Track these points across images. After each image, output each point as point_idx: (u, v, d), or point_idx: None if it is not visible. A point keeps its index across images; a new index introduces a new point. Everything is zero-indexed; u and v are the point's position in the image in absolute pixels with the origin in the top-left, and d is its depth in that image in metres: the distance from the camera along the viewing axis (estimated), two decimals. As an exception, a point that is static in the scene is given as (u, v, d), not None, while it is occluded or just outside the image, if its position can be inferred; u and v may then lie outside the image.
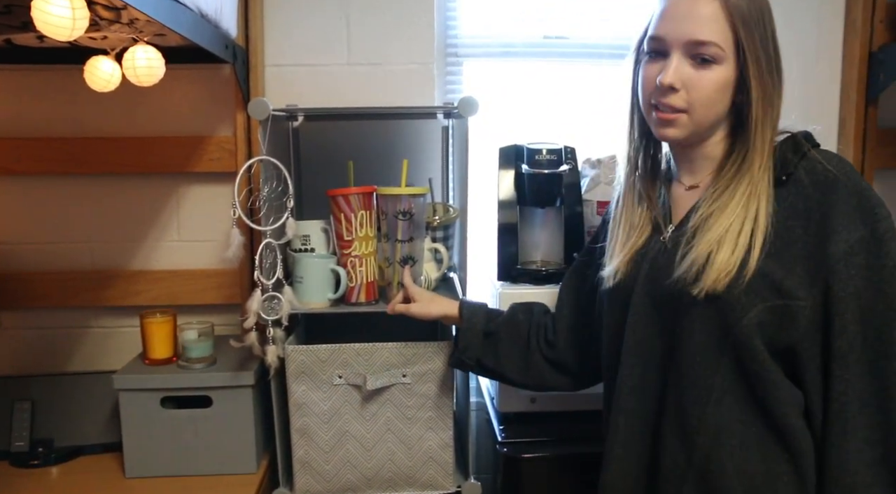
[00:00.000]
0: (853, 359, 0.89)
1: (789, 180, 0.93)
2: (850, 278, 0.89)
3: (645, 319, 1.02)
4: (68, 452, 1.53)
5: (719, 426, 0.94)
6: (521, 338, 1.25)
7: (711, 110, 0.96)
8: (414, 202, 1.33)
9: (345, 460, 1.38)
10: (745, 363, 0.93)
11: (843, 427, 0.90)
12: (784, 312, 0.91)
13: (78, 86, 1.61)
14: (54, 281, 1.73)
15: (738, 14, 0.92)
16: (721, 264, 0.91)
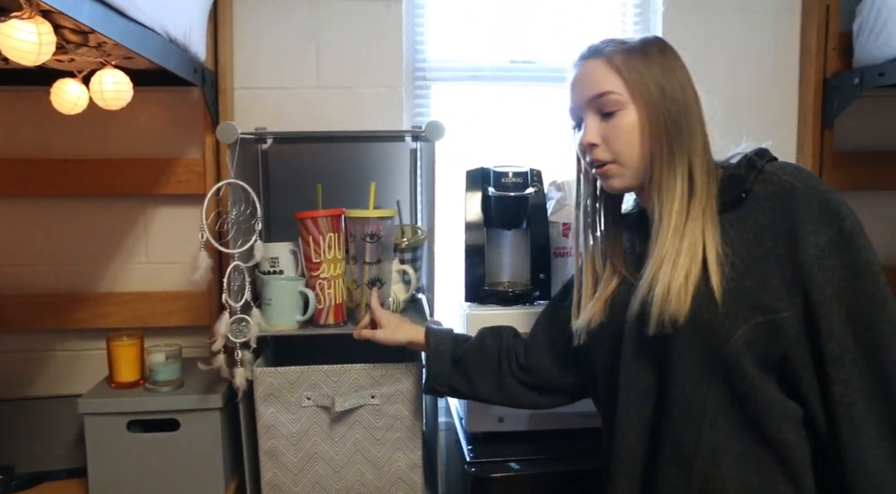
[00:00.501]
0: (848, 359, 0.90)
1: (748, 197, 0.95)
2: (828, 281, 0.90)
3: (635, 358, 1.03)
4: (31, 479, 1.51)
5: (715, 447, 0.96)
6: (490, 363, 1.26)
7: (634, 152, 1.01)
8: (382, 224, 1.34)
9: (314, 482, 1.38)
10: (734, 384, 0.94)
11: (852, 427, 0.90)
12: (769, 327, 0.92)
13: (44, 108, 1.60)
14: (19, 304, 1.71)
15: (621, 62, 1.00)
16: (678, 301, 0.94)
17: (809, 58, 1.83)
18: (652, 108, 0.99)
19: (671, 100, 0.99)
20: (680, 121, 0.99)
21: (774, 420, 0.94)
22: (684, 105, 0.99)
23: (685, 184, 0.98)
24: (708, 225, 0.96)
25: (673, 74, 1.00)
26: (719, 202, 0.97)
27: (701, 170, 0.98)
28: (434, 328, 1.29)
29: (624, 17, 1.93)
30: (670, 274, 0.95)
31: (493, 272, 1.55)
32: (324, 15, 1.75)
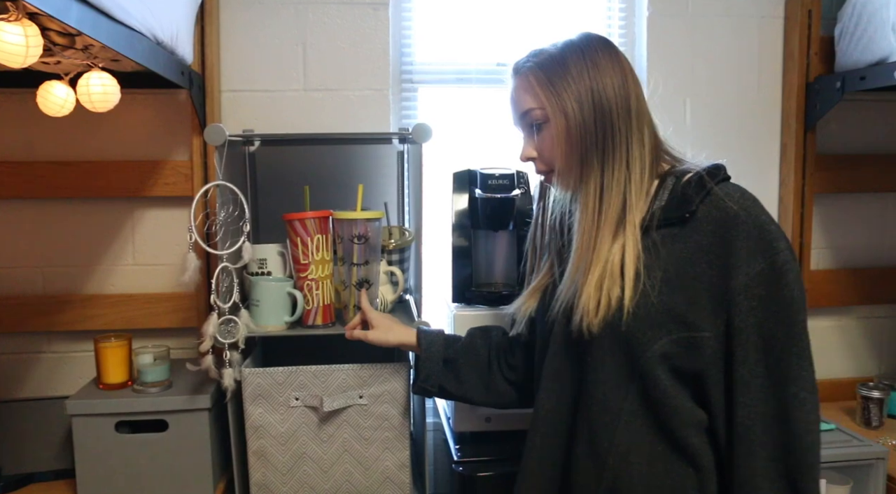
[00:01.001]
0: (756, 386, 0.94)
1: (692, 218, 0.97)
2: (751, 309, 0.93)
3: (559, 352, 1.09)
4: (18, 480, 1.51)
5: (629, 446, 1.00)
6: (480, 363, 1.28)
7: (565, 161, 1.04)
8: (369, 226, 1.35)
9: (302, 482, 1.38)
10: (648, 390, 0.99)
11: (748, 447, 0.95)
12: (689, 343, 0.96)
13: (30, 110, 1.61)
14: (6, 306, 1.71)
15: (537, 78, 1.04)
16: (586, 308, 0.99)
17: (792, 62, 1.86)
18: (568, 121, 1.01)
19: (587, 111, 1.00)
20: (596, 133, 1.01)
21: (683, 427, 0.99)
22: (605, 113, 1.00)
23: (597, 196, 1.01)
24: (627, 239, 0.99)
25: (595, 81, 1.01)
26: (661, 217, 0.99)
27: (619, 182, 1.00)
28: (425, 329, 1.31)
29: (609, 20, 1.95)
30: (583, 284, 1.00)
31: (481, 273, 1.56)
32: (311, 18, 1.76)
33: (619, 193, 1.00)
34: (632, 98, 1.01)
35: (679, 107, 1.88)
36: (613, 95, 1.00)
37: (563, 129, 1.02)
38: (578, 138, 1.01)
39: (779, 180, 1.92)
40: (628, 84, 1.02)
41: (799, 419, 0.93)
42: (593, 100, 1.00)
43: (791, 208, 1.88)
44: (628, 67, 1.04)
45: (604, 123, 1.00)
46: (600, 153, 1.00)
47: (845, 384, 1.96)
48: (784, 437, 0.94)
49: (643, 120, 1.03)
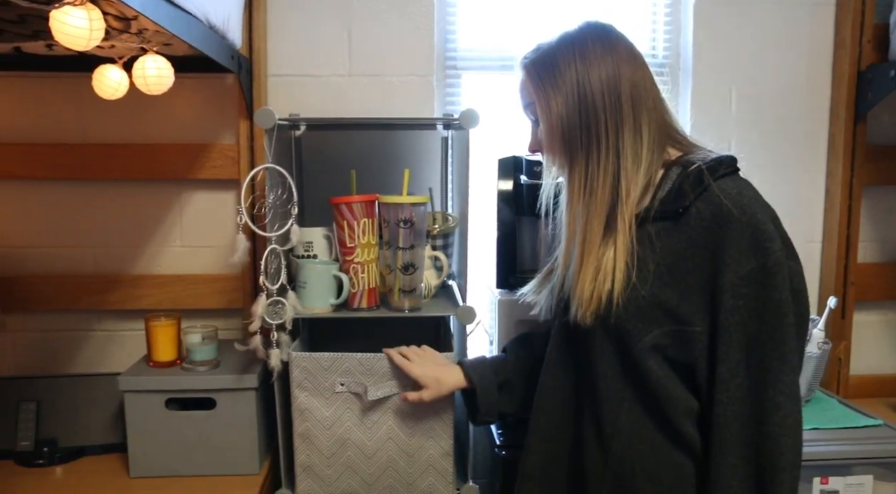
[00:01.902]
0: (734, 385, 0.95)
1: (687, 213, 0.97)
2: (737, 309, 0.93)
3: (563, 337, 1.12)
4: (72, 452, 1.56)
5: (631, 432, 1.03)
6: (532, 374, 1.27)
7: (553, 154, 1.07)
8: (415, 210, 1.36)
9: (346, 466, 1.40)
10: (644, 381, 1.01)
11: (721, 445, 0.96)
12: (681, 337, 0.98)
13: (83, 94, 1.66)
14: (58, 284, 1.76)
15: (533, 73, 1.06)
16: (579, 300, 1.01)
17: (844, 50, 1.82)
18: (552, 117, 1.03)
19: (571, 106, 1.01)
20: (580, 126, 1.01)
21: (677, 416, 1.01)
22: (589, 106, 1.01)
23: (582, 187, 1.02)
24: (619, 232, 0.99)
25: (581, 74, 1.01)
26: (658, 209, 0.99)
27: (606, 173, 1.01)
28: (469, 364, 1.30)
29: (655, 7, 1.93)
30: (577, 276, 1.02)
31: (525, 259, 1.56)
32: (356, 4, 1.77)
33: (607, 184, 1.00)
34: (623, 85, 1.01)
35: (724, 96, 1.86)
36: (600, 86, 1.00)
37: (550, 125, 1.04)
38: (563, 132, 1.03)
39: (826, 171, 1.89)
40: (620, 72, 1.01)
41: (774, 422, 0.93)
42: (578, 93, 1.01)
43: (838, 200, 1.85)
44: (624, 54, 1.03)
45: (587, 115, 1.01)
46: (585, 145, 1.01)
47: (892, 380, 1.94)
48: (757, 438, 0.94)
49: (640, 107, 1.01)
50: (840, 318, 1.87)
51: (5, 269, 1.76)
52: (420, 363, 1.32)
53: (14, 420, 1.56)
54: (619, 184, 1.00)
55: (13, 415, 1.56)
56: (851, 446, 1.50)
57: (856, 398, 1.85)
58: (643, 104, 1.02)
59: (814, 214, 1.90)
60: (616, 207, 1.00)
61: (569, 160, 1.04)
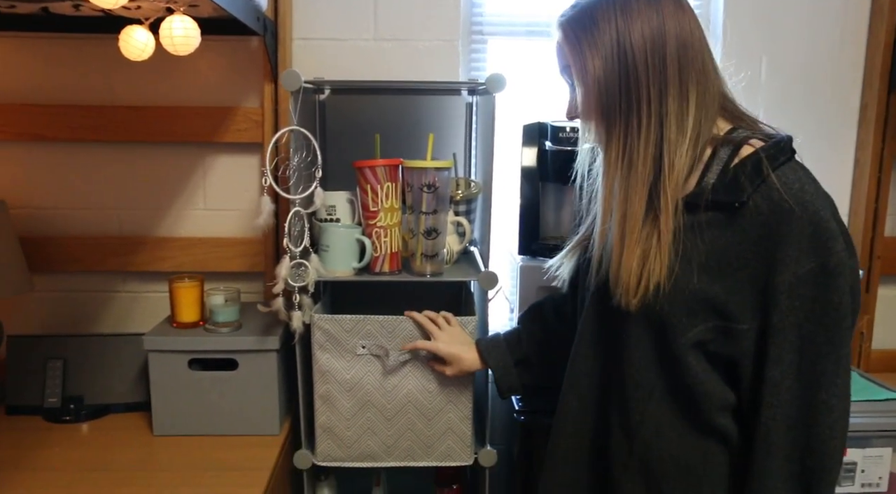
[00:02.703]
0: (785, 387, 0.90)
1: (743, 206, 0.89)
2: (792, 309, 0.88)
3: (596, 317, 1.06)
4: (98, 409, 1.59)
5: (660, 421, 0.99)
6: (546, 344, 1.29)
7: (591, 120, 0.98)
8: (438, 175, 1.36)
9: (366, 428, 1.42)
10: (681, 374, 0.97)
11: (768, 446, 0.92)
12: (725, 332, 0.93)
13: (109, 55, 1.66)
14: (84, 245, 1.78)
15: (571, 33, 0.96)
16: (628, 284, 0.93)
17: (880, 17, 1.77)
18: (589, 80, 0.94)
19: (610, 66, 0.92)
20: (619, 89, 0.92)
21: (712, 409, 0.97)
22: (629, 65, 0.91)
23: (620, 158, 0.94)
24: (663, 211, 0.92)
25: (621, 31, 0.91)
26: (710, 198, 0.91)
27: (647, 143, 0.92)
28: (484, 345, 1.32)
29: (686, -27, 1.88)
30: (620, 257, 0.94)
31: (548, 226, 1.56)
32: (382, -33, 1.75)
33: (648, 157, 0.92)
34: (669, 44, 0.91)
35: (755, 65, 1.82)
36: (642, 44, 0.91)
37: (586, 89, 0.95)
38: (600, 97, 0.94)
39: (856, 143, 1.85)
40: (666, 29, 0.91)
41: (824, 424, 0.90)
42: (617, 53, 0.91)
43: (868, 172, 1.81)
44: (671, 7, 0.92)
45: (628, 78, 0.91)
46: (624, 111, 0.92)
47: (916, 354, 1.92)
48: (806, 441, 0.91)
49: (687, 69, 0.91)
50: (864, 292, 1.85)
51: (33, 230, 1.78)
52: (446, 339, 1.34)
53: (42, 377, 1.59)
54: (661, 156, 0.91)
55: (41, 373, 1.59)
56: (871, 418, 1.49)
57: (877, 372, 1.84)
58: (691, 66, 0.92)
59: (842, 186, 1.86)
60: (658, 182, 0.92)
61: (606, 128, 0.95)
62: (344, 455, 1.44)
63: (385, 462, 1.45)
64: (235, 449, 1.45)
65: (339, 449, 1.43)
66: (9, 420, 1.57)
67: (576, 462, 1.11)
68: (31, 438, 1.48)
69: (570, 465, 1.12)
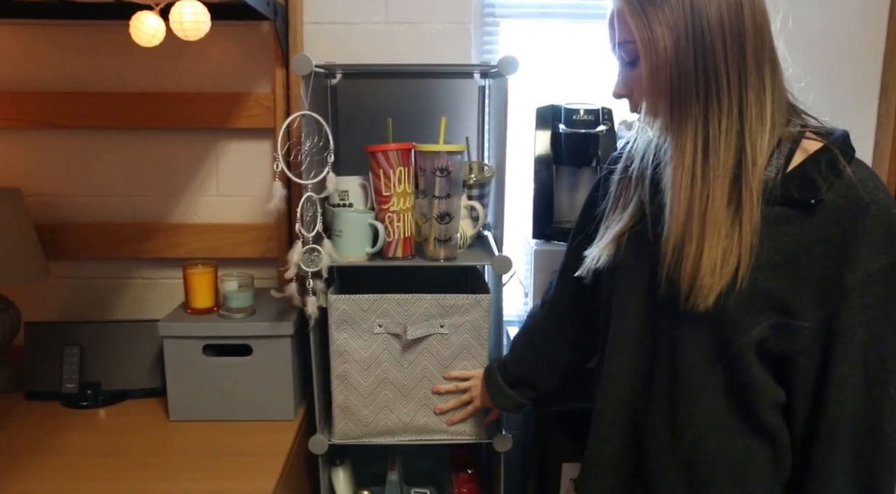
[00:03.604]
0: (852, 383, 0.89)
1: (820, 203, 0.86)
2: (863, 307, 0.87)
3: (645, 313, 1.02)
4: (115, 395, 1.60)
5: (708, 422, 0.97)
6: (536, 365, 1.33)
7: (657, 104, 0.92)
8: (451, 159, 1.35)
9: (383, 405, 1.43)
10: (737, 373, 0.94)
11: (832, 443, 0.90)
12: (786, 329, 0.90)
13: (120, 42, 1.66)
14: (98, 232, 1.78)
15: (633, 5, 0.89)
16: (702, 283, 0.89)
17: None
18: (658, 59, 0.88)
19: (684, 46, 0.86)
20: (695, 73, 0.87)
21: (765, 408, 0.95)
22: (707, 48, 0.86)
23: (698, 149, 0.88)
24: (745, 205, 0.87)
25: (697, 8, 0.85)
26: (780, 194, 0.88)
27: (729, 133, 0.87)
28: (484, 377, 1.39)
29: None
30: (696, 258, 0.89)
31: (562, 209, 1.55)
32: (394, -52, 1.74)
33: (730, 147, 0.87)
34: (748, 29, 0.86)
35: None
36: (720, 24, 0.85)
37: (654, 68, 0.88)
38: (671, 79, 0.87)
39: (876, 122, 1.82)
40: (744, 12, 0.86)
41: (891, 420, 0.89)
42: (692, 30, 0.85)
43: (888, 152, 1.79)
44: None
45: (705, 59, 0.85)
46: (701, 97, 0.87)
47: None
48: (871, 435, 0.89)
49: (763, 59, 0.87)
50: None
51: (47, 217, 1.78)
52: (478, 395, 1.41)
53: (59, 363, 1.60)
54: (745, 147, 0.87)
55: (59, 358, 1.60)
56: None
57: None
58: (766, 52, 0.88)
59: (861, 167, 1.83)
60: (740, 175, 0.87)
61: (679, 112, 0.89)
62: (361, 433, 1.45)
63: (402, 437, 1.46)
64: (250, 435, 1.45)
65: (356, 428, 1.44)
66: (28, 404, 1.59)
67: (614, 466, 1.08)
68: (50, 423, 1.50)
69: (609, 469, 1.09)
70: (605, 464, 1.09)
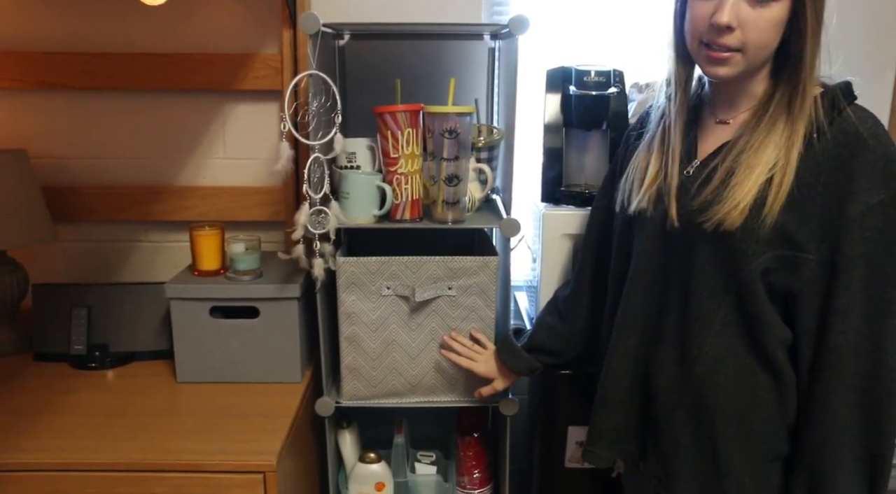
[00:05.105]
0: (855, 314, 0.93)
1: (820, 137, 0.93)
2: (863, 240, 0.91)
3: (656, 248, 1.07)
4: (122, 357, 1.61)
5: (717, 356, 1.01)
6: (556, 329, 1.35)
7: (766, 50, 0.96)
8: (460, 121, 1.33)
9: (391, 367, 1.43)
10: (744, 303, 0.98)
11: (834, 371, 0.94)
12: (790, 262, 0.95)
13: (127, 2, 1.63)
14: (105, 195, 1.78)
15: None
16: (737, 203, 0.95)
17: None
18: (808, 9, 0.93)
19: (820, 9, 0.94)
20: (820, 34, 0.94)
21: (772, 343, 0.99)
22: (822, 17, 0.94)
23: (804, 102, 0.95)
24: (799, 149, 0.94)
25: None
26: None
27: (809, 83, 0.95)
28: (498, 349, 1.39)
29: None
30: (757, 185, 0.95)
31: (571, 173, 1.53)
32: None
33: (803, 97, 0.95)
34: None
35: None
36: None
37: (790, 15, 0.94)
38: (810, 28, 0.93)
39: (893, 88, 1.79)
40: None
41: (891, 350, 0.92)
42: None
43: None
44: None
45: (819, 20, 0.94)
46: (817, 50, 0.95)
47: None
48: (873, 366, 0.93)
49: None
50: None
51: (54, 179, 1.78)
52: (483, 360, 1.39)
53: (67, 325, 1.60)
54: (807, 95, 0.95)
55: (66, 320, 1.60)
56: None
57: None
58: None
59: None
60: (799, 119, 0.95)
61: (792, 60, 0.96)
62: (369, 394, 1.46)
63: (409, 398, 1.47)
64: (257, 397, 1.46)
65: (364, 389, 1.45)
66: (37, 366, 1.60)
67: (627, 405, 1.13)
68: (58, 384, 1.50)
69: (621, 407, 1.14)
70: (617, 401, 1.14)
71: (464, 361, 1.39)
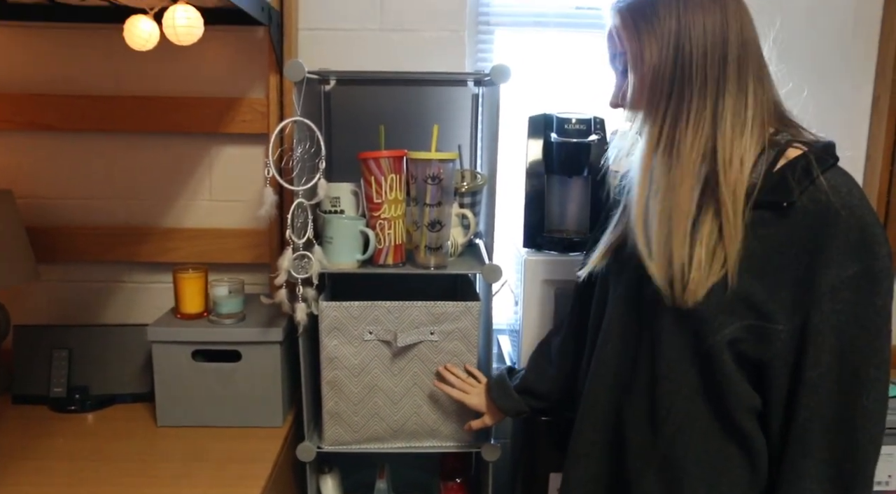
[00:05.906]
0: (824, 390, 0.90)
1: (792, 206, 0.90)
2: (835, 312, 0.88)
3: (627, 306, 1.06)
4: (103, 400, 1.60)
5: (685, 420, 0.99)
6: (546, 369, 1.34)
7: (638, 110, 0.98)
8: (443, 167, 1.35)
9: (373, 412, 1.43)
10: (712, 371, 0.96)
11: (802, 448, 0.92)
12: (759, 332, 0.92)
13: (115, 45, 1.66)
14: (90, 236, 1.78)
15: (626, 20, 0.95)
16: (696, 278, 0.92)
17: (894, 6, 1.74)
18: (644, 69, 0.94)
19: (666, 57, 0.91)
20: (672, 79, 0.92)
21: (740, 411, 0.97)
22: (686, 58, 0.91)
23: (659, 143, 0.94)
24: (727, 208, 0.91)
25: (682, 22, 0.91)
26: (757, 197, 0.91)
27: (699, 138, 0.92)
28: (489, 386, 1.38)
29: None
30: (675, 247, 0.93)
31: (553, 218, 1.54)
32: (389, -44, 1.74)
33: (697, 149, 0.91)
34: (731, 43, 0.91)
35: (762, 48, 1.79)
36: (703, 39, 0.90)
37: (640, 76, 0.94)
38: (652, 84, 0.93)
39: (868, 134, 1.83)
40: (729, 27, 0.91)
41: (865, 428, 0.90)
42: (675, 43, 0.91)
43: (879, 165, 1.79)
44: (734, 9, 0.93)
45: (682, 68, 0.91)
46: (675, 100, 0.92)
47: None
48: (844, 444, 0.90)
49: (747, 70, 0.92)
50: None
51: (39, 219, 1.78)
52: (476, 393, 1.39)
53: (48, 366, 1.59)
54: (715, 150, 0.91)
55: (47, 362, 1.60)
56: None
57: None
58: (750, 66, 0.93)
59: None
60: (713, 178, 0.92)
61: (653, 118, 0.95)
62: (351, 440, 1.45)
63: (391, 443, 1.47)
64: (238, 441, 1.45)
65: (346, 434, 1.45)
66: (15, 408, 1.58)
67: (598, 458, 1.11)
68: (37, 427, 1.49)
69: (593, 460, 1.12)
70: (588, 454, 1.12)
71: (456, 393, 1.39)
